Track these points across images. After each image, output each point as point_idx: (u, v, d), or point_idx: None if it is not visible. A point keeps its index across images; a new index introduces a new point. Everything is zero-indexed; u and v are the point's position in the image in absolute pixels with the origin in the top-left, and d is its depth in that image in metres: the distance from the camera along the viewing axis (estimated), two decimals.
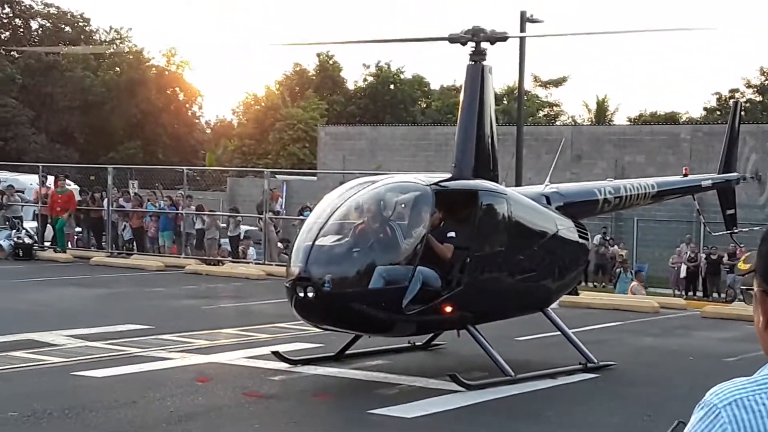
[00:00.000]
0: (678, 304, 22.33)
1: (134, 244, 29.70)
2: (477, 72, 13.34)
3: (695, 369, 14.06)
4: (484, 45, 13.39)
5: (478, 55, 13.32)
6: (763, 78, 69.08)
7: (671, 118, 67.32)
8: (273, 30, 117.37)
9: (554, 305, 15.04)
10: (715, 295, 34.20)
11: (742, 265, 2.36)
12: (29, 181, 33.85)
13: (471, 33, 13.21)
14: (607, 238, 37.22)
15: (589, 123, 64.42)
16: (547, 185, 14.69)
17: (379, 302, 11.81)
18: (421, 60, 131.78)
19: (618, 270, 28.75)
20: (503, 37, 13.52)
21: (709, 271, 34.76)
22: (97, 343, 14.49)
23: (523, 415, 11.19)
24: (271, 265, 26.09)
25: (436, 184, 12.57)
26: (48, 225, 29.70)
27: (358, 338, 13.34)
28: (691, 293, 34.01)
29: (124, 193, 30.89)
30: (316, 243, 11.89)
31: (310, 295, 11.59)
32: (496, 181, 13.49)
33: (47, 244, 29.64)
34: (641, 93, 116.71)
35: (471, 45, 13.31)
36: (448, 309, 12.18)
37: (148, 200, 30.24)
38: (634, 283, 26.74)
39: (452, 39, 13.26)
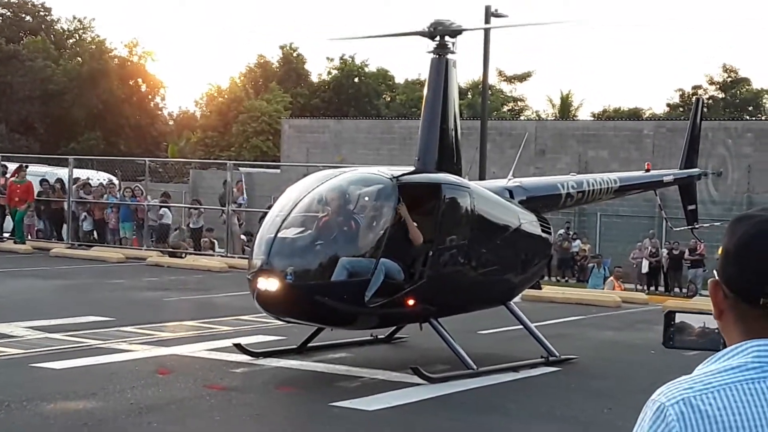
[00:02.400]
0: (640, 299, 22.48)
1: (95, 235, 29.44)
2: (441, 65, 13.34)
3: (657, 363, 14.10)
4: (448, 39, 13.37)
5: (441, 49, 13.31)
6: (725, 75, 69.70)
7: (635, 114, 67.78)
8: (236, 20, 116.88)
9: (517, 299, 15.08)
10: (676, 290, 34.45)
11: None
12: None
13: (434, 26, 13.20)
14: (570, 232, 37.37)
15: (553, 118, 64.69)
16: (510, 179, 14.72)
17: (342, 295, 11.78)
18: (385, 53, 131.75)
19: (591, 265, 28.87)
20: (461, 30, 13.50)
21: (671, 266, 34.98)
22: (57, 334, 14.35)
23: (486, 407, 11.20)
24: (234, 257, 25.98)
25: (399, 176, 12.55)
26: (6, 216, 29.38)
27: (320, 331, 13.31)
28: (652, 288, 34.23)
29: (86, 184, 30.59)
30: (279, 235, 11.85)
31: (272, 287, 11.53)
32: (460, 175, 13.49)
33: (6, 235, 29.33)
34: (605, 89, 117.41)
35: (434, 38, 13.29)
36: (411, 302, 12.17)
37: (109, 192, 29.99)
38: (611, 278, 26.82)
39: (415, 33, 13.25)
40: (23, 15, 73.45)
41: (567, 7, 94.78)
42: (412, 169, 13.26)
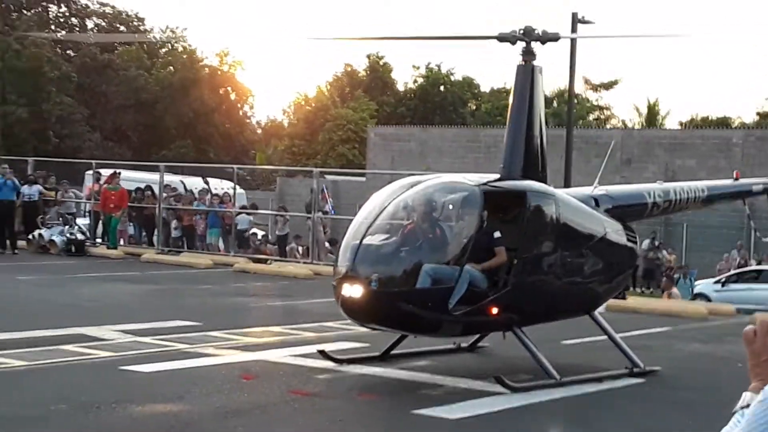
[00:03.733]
0: (727, 311, 22.09)
1: (184, 241, 29.97)
2: (527, 72, 13.29)
3: (744, 376, 13.87)
4: (535, 45, 13.34)
5: (528, 55, 13.26)
6: None
7: (723, 123, 66.58)
8: (327, 29, 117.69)
9: (601, 309, 14.94)
10: None
11: None
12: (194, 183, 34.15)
13: (522, 32, 13.17)
14: (656, 242, 36.88)
15: (640, 127, 63.90)
16: (596, 187, 14.59)
17: (426, 302, 11.81)
18: (470, 62, 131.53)
19: (677, 276, 28.48)
20: (554, 38, 13.46)
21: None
22: (146, 338, 14.64)
23: (569, 418, 11.15)
24: (319, 264, 26.20)
25: (484, 184, 12.55)
26: (100, 222, 30.07)
27: (403, 338, 13.35)
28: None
29: (175, 191, 31.15)
30: (364, 242, 11.92)
31: (357, 293, 11.62)
32: (545, 183, 13.42)
33: (98, 240, 30.01)
34: (692, 97, 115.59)
35: (521, 45, 13.26)
36: (495, 310, 12.14)
37: (198, 198, 30.49)
38: (674, 289, 26.47)
39: (501, 38, 13.21)
40: (117, 25, 75.03)
41: (652, 12, 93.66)
42: (497, 176, 13.24)
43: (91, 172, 32.44)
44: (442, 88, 74.22)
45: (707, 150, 42.91)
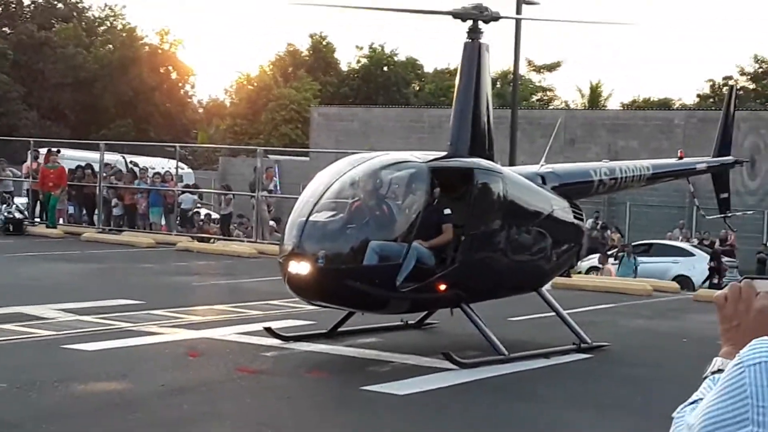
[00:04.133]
0: (671, 287, 22.34)
1: (125, 220, 29.56)
2: (474, 50, 13.23)
3: (689, 351, 14.02)
4: (481, 24, 13.28)
5: (475, 33, 13.21)
6: (756, 65, 69.05)
7: (664, 105, 67.29)
8: (266, 9, 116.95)
9: (547, 286, 14.97)
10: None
11: None
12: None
13: (474, 9, 13.10)
14: (599, 222, 37.14)
15: (583, 108, 64.33)
16: (542, 165, 14.60)
17: (373, 279, 11.73)
18: (414, 42, 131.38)
19: (621, 254, 28.81)
20: (503, 17, 13.41)
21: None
22: (88, 317, 14.39)
23: (517, 393, 11.14)
24: (263, 243, 26.01)
25: (431, 161, 12.48)
26: (39, 201, 29.57)
27: (350, 315, 13.27)
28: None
29: (116, 170, 30.70)
30: (310, 219, 11.80)
31: (303, 271, 11.50)
32: (492, 161, 13.39)
33: (37, 220, 29.51)
34: (634, 79, 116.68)
35: (469, 22, 13.19)
36: (443, 287, 12.11)
37: (140, 177, 30.08)
38: (608, 267, 26.89)
39: (455, 14, 13.13)
40: (55, 2, 73.78)
41: None
42: (444, 154, 13.17)
43: (30, 150, 31.85)
44: (385, 68, 74.06)
45: (649, 131, 43.29)
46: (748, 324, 2.38)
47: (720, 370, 2.41)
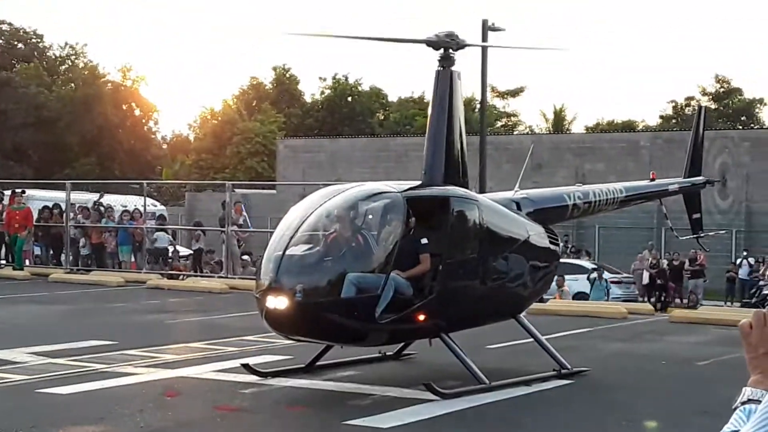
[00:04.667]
0: (646, 310, 22.36)
1: (93, 259, 29.22)
2: (446, 77, 13.20)
3: (669, 373, 13.99)
4: (452, 51, 13.26)
5: (447, 61, 13.18)
6: (718, 85, 69.80)
7: (629, 126, 67.78)
8: (231, 43, 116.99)
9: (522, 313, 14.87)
10: (677, 300, 34.34)
11: None
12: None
13: (446, 37, 13.08)
14: (569, 246, 37.23)
15: (548, 132, 64.67)
16: (516, 191, 14.56)
17: (352, 311, 11.60)
18: (378, 72, 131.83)
19: (592, 277, 28.88)
20: (474, 45, 13.42)
21: (672, 276, 34.88)
22: (61, 359, 14.13)
23: (500, 422, 11.03)
24: (234, 278, 25.80)
25: (407, 190, 12.39)
26: (4, 243, 29.15)
27: (328, 349, 13.12)
28: (653, 299, 34.09)
29: (83, 209, 30.40)
30: (287, 253, 11.67)
31: (281, 305, 11.35)
32: (467, 188, 13.34)
33: (2, 262, 29.11)
34: (596, 102, 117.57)
35: (441, 51, 13.17)
36: (422, 317, 11.99)
37: (107, 216, 29.79)
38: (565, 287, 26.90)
39: (424, 42, 13.10)
40: (15, 42, 73.37)
41: (563, 17, 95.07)
42: (418, 182, 13.09)
43: None
44: (349, 98, 74.16)
45: (616, 153, 43.55)
46: None
47: (750, 400, 2.34)
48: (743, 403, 2.35)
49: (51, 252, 30.22)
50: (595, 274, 29.10)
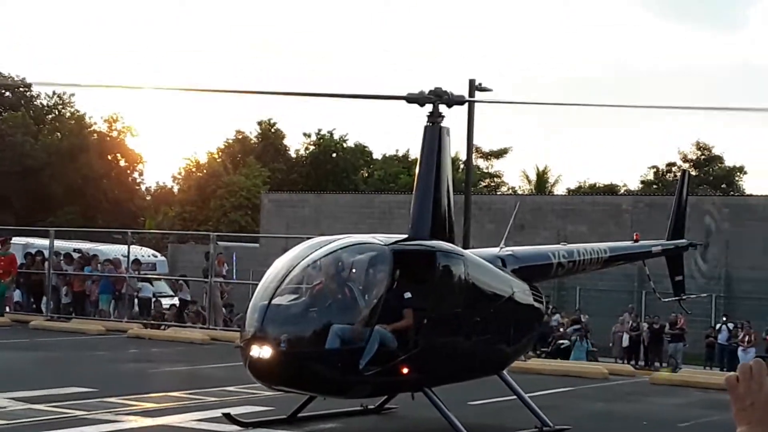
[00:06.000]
0: (626, 371, 22.39)
1: (73, 308, 29.08)
2: (434, 133, 13.35)
3: None
4: (442, 107, 13.41)
5: (436, 117, 13.33)
6: (699, 152, 70.47)
7: (610, 190, 68.21)
8: (217, 96, 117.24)
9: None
10: (656, 364, 34.34)
11: None
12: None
13: (433, 94, 13.23)
14: (550, 306, 37.26)
15: (530, 193, 65.01)
16: (502, 248, 14.67)
17: (336, 363, 11.62)
18: (362, 129, 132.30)
19: (573, 338, 28.91)
20: (461, 101, 13.58)
21: (651, 340, 34.94)
22: (41, 405, 14.06)
23: None
24: (216, 329, 25.72)
25: (393, 243, 12.48)
26: None
27: (311, 400, 13.10)
28: (633, 362, 34.10)
29: (66, 256, 30.32)
30: (272, 303, 11.71)
31: (266, 354, 11.36)
32: (453, 243, 13.43)
33: None
34: (579, 165, 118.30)
35: (429, 106, 13.32)
36: (405, 371, 12.01)
37: (89, 264, 29.71)
38: None
39: (411, 99, 13.24)
40: (2, 91, 73.49)
41: (544, 75, 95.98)
42: (405, 236, 13.19)
43: None
44: (334, 154, 74.43)
45: (598, 216, 43.78)
46: (762, 402, 2.39)
47: None
48: None
49: (32, 299, 30.07)
50: (576, 335, 29.14)
